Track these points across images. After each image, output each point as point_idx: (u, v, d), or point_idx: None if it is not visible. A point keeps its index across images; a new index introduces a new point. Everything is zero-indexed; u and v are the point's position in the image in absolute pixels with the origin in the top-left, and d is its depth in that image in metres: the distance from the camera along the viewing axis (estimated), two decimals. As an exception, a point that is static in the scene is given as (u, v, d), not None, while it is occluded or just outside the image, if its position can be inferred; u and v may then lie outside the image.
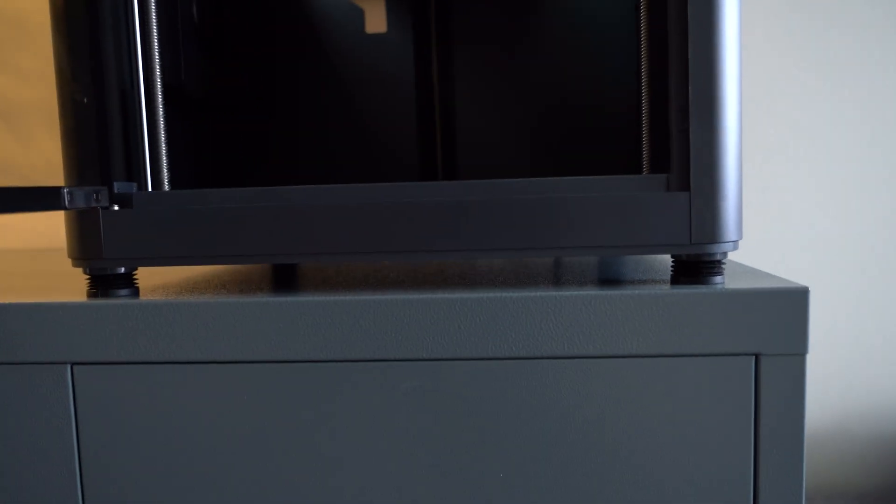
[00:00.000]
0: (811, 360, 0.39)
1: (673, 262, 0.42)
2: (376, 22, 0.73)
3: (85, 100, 0.41)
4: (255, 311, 0.41)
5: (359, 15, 0.72)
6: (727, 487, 0.40)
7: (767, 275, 0.44)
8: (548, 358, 0.40)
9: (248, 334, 0.41)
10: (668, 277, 0.44)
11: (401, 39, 0.73)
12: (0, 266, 0.69)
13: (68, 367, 0.42)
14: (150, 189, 0.44)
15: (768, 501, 0.40)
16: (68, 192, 0.38)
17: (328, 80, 0.65)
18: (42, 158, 0.94)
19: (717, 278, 0.42)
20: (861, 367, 0.89)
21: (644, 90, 0.42)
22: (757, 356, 0.40)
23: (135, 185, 0.44)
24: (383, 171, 0.65)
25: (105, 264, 0.43)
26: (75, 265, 0.44)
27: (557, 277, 0.47)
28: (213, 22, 0.59)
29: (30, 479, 0.43)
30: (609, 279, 0.45)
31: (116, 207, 0.43)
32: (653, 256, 0.59)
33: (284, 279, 0.51)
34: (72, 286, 0.49)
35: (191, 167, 0.51)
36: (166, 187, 0.45)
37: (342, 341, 0.41)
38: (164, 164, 0.45)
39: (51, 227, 0.95)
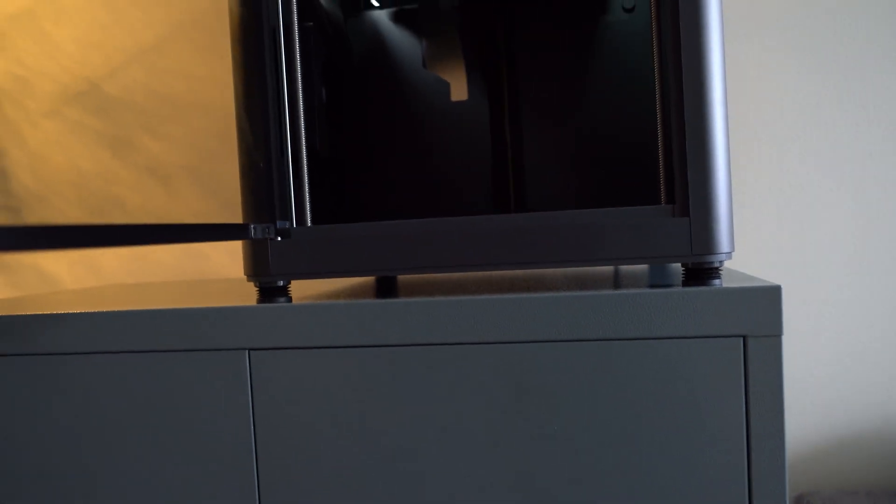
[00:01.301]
0: (855, 367, 0.53)
1: (682, 269, 0.57)
2: (459, 92, 0.90)
3: (261, 164, 0.60)
4: (375, 309, 0.58)
5: (445, 87, 0.90)
6: (725, 430, 0.54)
7: (753, 277, 0.58)
8: (595, 340, 0.55)
9: (372, 326, 0.58)
10: (681, 281, 0.58)
11: (479, 105, 0.90)
12: (179, 291, 0.89)
13: (246, 352, 0.60)
14: (299, 225, 0.62)
15: (758, 446, 0.53)
16: (253, 228, 0.57)
17: (423, 139, 0.83)
18: (189, 210, 1.16)
19: (716, 281, 0.56)
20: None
21: (660, 144, 0.57)
22: (745, 337, 0.53)
23: (288, 222, 0.62)
24: (464, 206, 0.82)
25: (271, 279, 0.61)
26: (249, 280, 0.62)
27: (601, 283, 0.62)
28: (335, 100, 0.77)
29: (211, 438, 0.61)
30: (641, 284, 0.60)
31: (279, 238, 0.60)
32: (675, 267, 0.73)
33: (387, 288, 0.67)
34: (245, 295, 0.67)
35: (325, 208, 0.69)
36: (309, 223, 0.63)
37: (443, 329, 0.57)
38: (308, 207, 0.63)
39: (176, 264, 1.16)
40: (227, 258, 1.14)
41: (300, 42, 0.67)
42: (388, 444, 0.58)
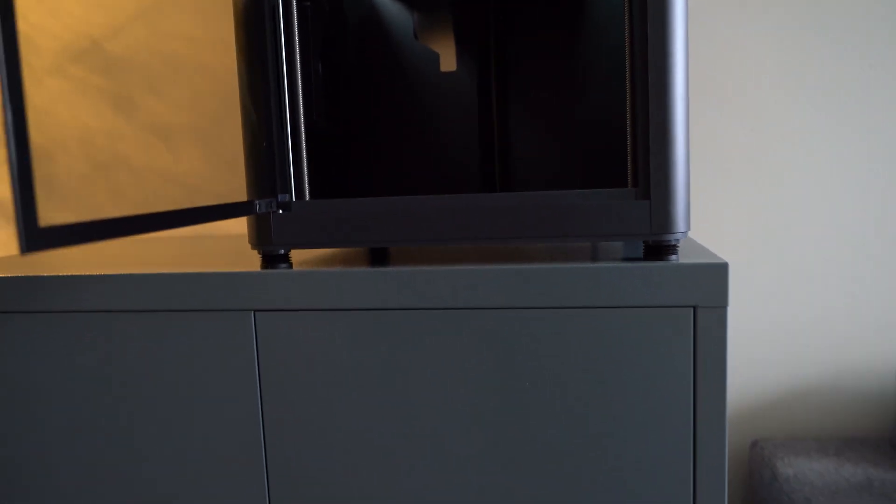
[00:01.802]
0: (809, 328, 0.60)
1: (643, 246, 0.63)
2: (448, 62, 0.95)
3: (263, 143, 0.65)
4: (368, 276, 0.64)
5: (435, 57, 0.95)
6: (676, 384, 0.61)
7: (709, 253, 0.65)
8: (562, 308, 0.62)
9: (364, 291, 0.64)
10: (642, 256, 0.65)
11: (467, 76, 0.95)
12: (189, 248, 0.95)
13: (252, 312, 0.67)
14: (298, 199, 0.68)
15: (703, 397, 0.61)
16: (258, 203, 0.63)
17: (412, 118, 0.88)
18: (191, 168, 1.21)
19: (673, 257, 0.62)
20: (853, 334, 1.07)
21: (629, 135, 0.63)
22: (695, 307, 0.60)
23: (289, 196, 0.68)
24: (451, 183, 0.88)
25: (273, 248, 0.67)
26: (253, 248, 0.68)
27: (574, 256, 0.68)
28: (332, 80, 0.83)
29: (220, 388, 0.68)
30: (613, 257, 0.67)
31: (280, 211, 0.67)
32: (639, 244, 0.80)
33: (380, 257, 0.74)
34: (249, 261, 0.74)
35: (322, 182, 0.75)
36: (307, 197, 0.69)
37: (430, 295, 0.64)
38: (306, 182, 0.69)
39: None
40: (235, 221, 1.19)
41: (298, 22, 0.71)
42: (380, 396, 0.66)
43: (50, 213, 1.21)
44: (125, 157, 1.23)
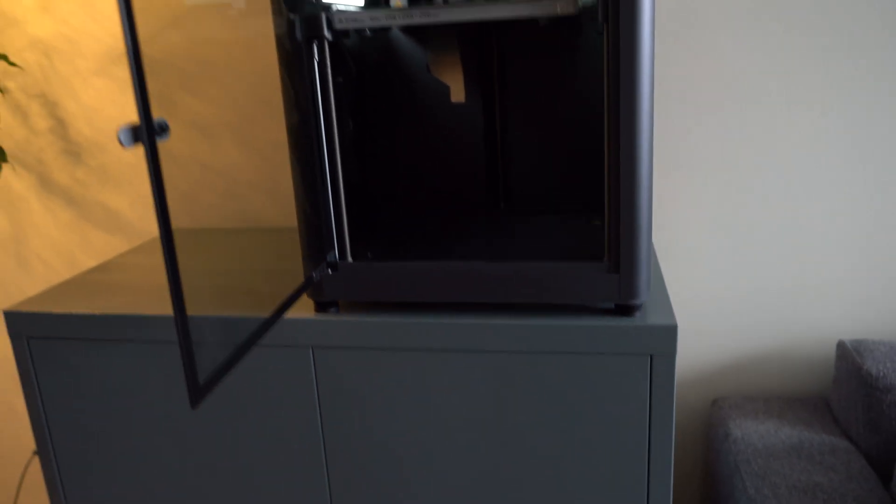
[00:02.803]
0: (766, 297, 0.78)
1: (614, 306, 0.82)
2: (458, 94, 1.09)
3: (314, 219, 0.82)
4: (399, 323, 0.83)
5: (446, 89, 1.09)
6: (635, 409, 0.81)
7: (665, 309, 0.83)
8: (551, 353, 0.81)
9: (398, 335, 0.83)
10: (613, 313, 0.83)
11: (474, 105, 1.09)
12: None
13: (310, 349, 0.86)
14: (342, 260, 0.85)
15: (655, 424, 0.81)
16: (314, 275, 0.80)
17: (427, 139, 1.04)
18: (228, 159, 1.36)
19: (637, 314, 0.81)
20: (800, 307, 1.26)
21: (605, 223, 0.80)
22: (651, 355, 0.79)
23: (337, 257, 0.85)
24: (461, 194, 1.05)
25: (324, 298, 0.86)
26: (308, 297, 0.87)
27: (559, 308, 0.87)
28: (370, 158, 0.97)
29: (284, 411, 0.88)
30: (587, 311, 0.85)
31: (330, 271, 0.84)
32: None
33: (410, 307, 0.92)
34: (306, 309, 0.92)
35: (361, 247, 0.92)
36: (349, 259, 0.86)
37: (448, 340, 0.83)
38: (348, 245, 0.86)
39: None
40: (267, 201, 1.36)
41: (335, 98, 0.86)
42: (409, 415, 0.86)
43: (106, 196, 1.38)
44: (169, 150, 1.39)
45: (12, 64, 1.33)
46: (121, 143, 0.47)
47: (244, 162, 1.36)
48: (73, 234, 1.47)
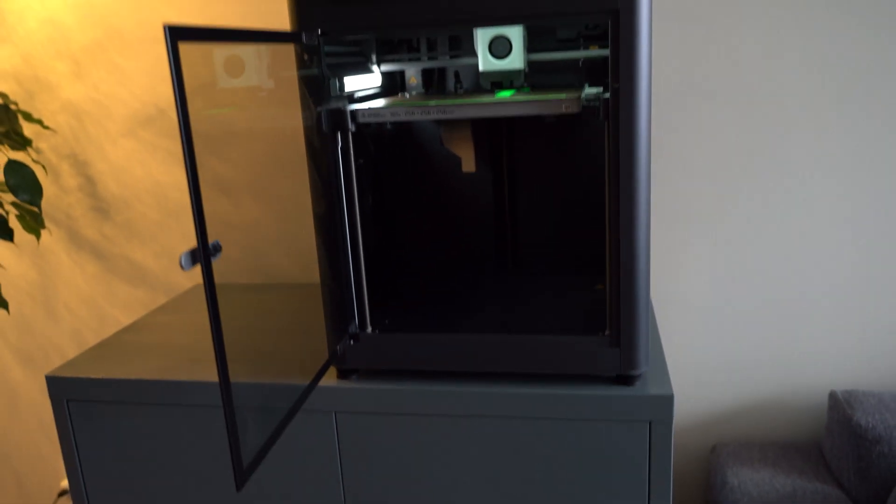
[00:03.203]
0: (765, 354, 0.84)
1: (615, 376, 0.88)
2: (469, 165, 1.16)
3: (338, 294, 0.89)
4: (419, 392, 0.90)
5: (458, 161, 1.16)
6: (637, 467, 0.88)
7: (663, 379, 0.89)
8: (558, 419, 0.87)
9: (415, 401, 0.90)
10: (614, 382, 0.90)
11: (484, 173, 1.16)
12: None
13: (333, 413, 0.93)
14: (363, 331, 0.92)
15: (655, 479, 0.87)
16: (339, 348, 0.87)
17: (440, 209, 1.11)
18: (250, 217, 1.44)
19: (637, 383, 0.87)
20: (794, 359, 1.32)
21: (608, 306, 0.86)
22: (650, 422, 0.86)
23: (358, 328, 0.92)
24: (472, 259, 1.12)
25: (346, 366, 0.92)
26: (332, 363, 0.93)
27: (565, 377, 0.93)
28: (386, 237, 1.05)
29: (308, 470, 0.95)
30: (589, 381, 0.91)
31: (352, 342, 0.91)
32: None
33: (427, 375, 0.99)
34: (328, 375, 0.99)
35: (378, 315, 0.98)
36: (369, 329, 0.93)
37: (460, 406, 0.89)
38: (368, 317, 0.93)
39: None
40: (286, 260, 1.43)
41: (357, 180, 0.93)
42: (423, 475, 0.93)
43: (132, 250, 1.45)
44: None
45: (46, 127, 1.40)
46: (181, 265, 0.54)
47: (263, 216, 1.43)
48: (99, 285, 1.54)
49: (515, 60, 0.97)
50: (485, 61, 0.98)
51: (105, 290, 1.54)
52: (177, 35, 0.53)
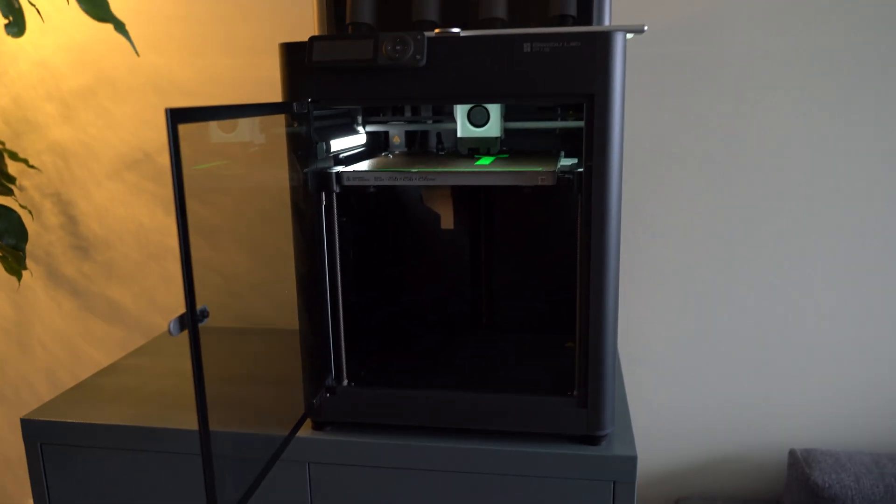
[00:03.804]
0: (727, 412, 0.88)
1: (581, 436, 0.91)
2: (447, 222, 1.20)
3: (318, 350, 0.92)
4: (391, 446, 0.92)
5: (438, 218, 1.20)
6: (598, 537, 0.90)
7: (627, 440, 0.92)
8: (524, 476, 0.90)
9: (387, 455, 0.92)
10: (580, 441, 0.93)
11: (462, 231, 1.20)
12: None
13: (306, 464, 0.95)
14: (339, 384, 0.95)
15: (616, 544, 0.90)
16: (316, 401, 0.90)
17: (418, 265, 1.15)
18: (229, 261, 1.46)
19: (604, 443, 0.91)
20: (755, 417, 1.36)
21: (576, 367, 0.90)
22: (614, 482, 0.89)
23: (334, 381, 0.95)
24: (447, 313, 1.15)
25: (322, 419, 0.95)
26: (308, 416, 0.96)
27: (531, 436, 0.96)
28: (364, 297, 1.08)
29: (289, 510, 0.96)
30: (556, 440, 0.94)
31: (328, 395, 0.94)
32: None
33: (400, 429, 1.01)
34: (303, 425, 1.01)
35: (354, 368, 1.01)
36: (345, 382, 0.96)
37: (430, 461, 0.92)
38: (345, 372, 0.96)
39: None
40: (267, 306, 1.45)
41: (339, 237, 0.96)
42: (396, 526, 0.95)
43: (111, 289, 1.46)
44: (173, 249, 1.49)
45: (31, 166, 1.42)
46: (170, 332, 0.57)
47: (244, 263, 1.46)
48: (75, 322, 1.55)
49: (493, 129, 1.02)
50: (463, 128, 1.03)
51: (81, 327, 1.55)
52: (177, 118, 0.57)
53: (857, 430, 1.35)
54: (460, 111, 1.02)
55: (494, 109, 1.02)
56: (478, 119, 1.01)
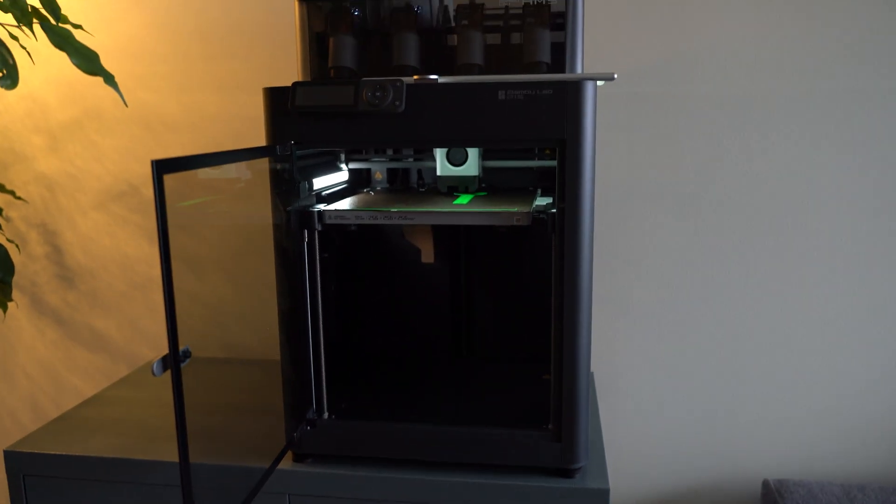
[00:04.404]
0: (703, 442, 0.90)
1: (556, 468, 0.94)
2: (428, 256, 1.23)
3: (299, 384, 0.94)
4: (369, 479, 0.94)
5: (418, 252, 1.22)
6: (572, 568, 0.92)
7: (603, 474, 0.95)
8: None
9: (365, 487, 0.94)
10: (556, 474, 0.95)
11: (442, 265, 1.23)
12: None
13: (286, 495, 0.96)
14: (320, 417, 0.97)
15: (590, 575, 0.92)
16: (295, 435, 0.92)
17: (399, 298, 1.17)
18: (215, 292, 1.48)
19: (577, 475, 0.93)
20: (729, 449, 1.39)
21: (552, 402, 0.93)
22: (588, 514, 0.91)
23: (315, 414, 0.97)
24: (428, 345, 1.17)
25: (303, 451, 0.96)
26: (289, 449, 0.97)
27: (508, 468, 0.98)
28: (346, 333, 1.10)
29: (269, 542, 0.98)
30: (531, 472, 0.97)
31: (308, 428, 0.96)
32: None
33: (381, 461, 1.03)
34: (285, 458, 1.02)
35: (336, 403, 1.03)
36: (326, 415, 0.97)
37: (411, 494, 0.93)
38: (325, 404, 0.98)
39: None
40: (249, 335, 1.47)
41: (321, 272, 0.98)
42: (375, 558, 0.96)
43: (94, 319, 1.48)
44: (158, 280, 1.50)
45: (18, 198, 1.44)
46: (153, 372, 0.59)
47: (228, 292, 1.47)
48: (58, 351, 1.56)
49: (471, 168, 1.06)
50: (443, 167, 1.07)
51: (64, 356, 1.56)
52: (163, 168, 0.59)
53: (829, 462, 1.38)
54: (439, 151, 1.06)
55: (473, 150, 1.05)
56: (456, 158, 1.05)
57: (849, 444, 1.37)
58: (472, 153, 1.05)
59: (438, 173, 1.07)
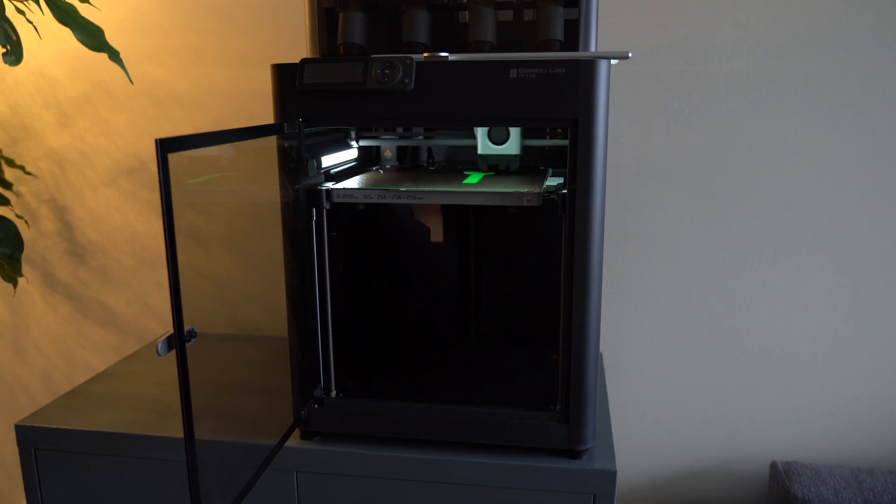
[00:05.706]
0: (711, 424, 0.90)
1: (563, 449, 0.94)
2: (437, 235, 1.22)
3: (306, 363, 0.94)
4: (377, 457, 0.94)
5: (427, 231, 1.22)
6: (578, 548, 0.93)
7: (607, 454, 0.95)
8: (508, 488, 0.92)
9: (374, 465, 0.94)
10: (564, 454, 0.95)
11: (451, 244, 1.22)
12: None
13: (294, 472, 0.97)
14: (328, 395, 0.97)
15: (595, 556, 0.92)
16: (304, 412, 0.92)
17: (408, 277, 1.17)
18: (223, 269, 1.48)
19: (585, 457, 0.93)
20: (738, 430, 1.39)
21: (560, 382, 0.92)
22: (594, 495, 0.91)
23: (322, 392, 0.97)
24: (436, 325, 1.17)
25: (310, 428, 0.97)
26: (297, 426, 0.98)
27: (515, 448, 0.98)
28: (354, 309, 1.10)
29: (277, 518, 0.98)
30: (538, 453, 0.97)
31: (316, 406, 0.96)
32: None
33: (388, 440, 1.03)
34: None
35: (343, 382, 1.03)
36: (333, 393, 0.98)
37: (415, 472, 0.94)
38: (333, 383, 0.98)
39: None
40: (257, 312, 1.47)
41: (329, 254, 0.98)
42: (381, 535, 0.97)
43: (105, 295, 1.48)
44: (161, 253, 1.50)
45: (28, 173, 1.44)
46: (158, 352, 0.59)
47: (236, 267, 1.48)
48: (70, 327, 1.57)
49: (512, 147, 1.04)
50: (483, 146, 1.05)
51: (76, 331, 1.57)
52: (167, 147, 0.59)
53: (837, 444, 1.38)
54: (480, 129, 1.05)
55: (514, 128, 1.04)
56: (498, 137, 1.03)
57: (858, 427, 1.37)
58: (514, 132, 1.04)
59: (479, 151, 1.06)
